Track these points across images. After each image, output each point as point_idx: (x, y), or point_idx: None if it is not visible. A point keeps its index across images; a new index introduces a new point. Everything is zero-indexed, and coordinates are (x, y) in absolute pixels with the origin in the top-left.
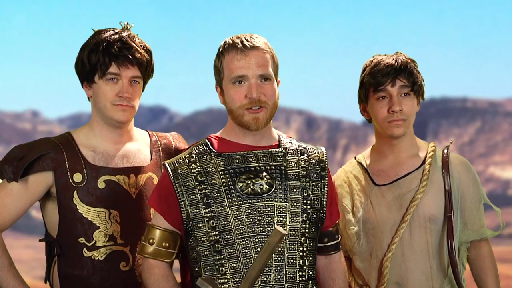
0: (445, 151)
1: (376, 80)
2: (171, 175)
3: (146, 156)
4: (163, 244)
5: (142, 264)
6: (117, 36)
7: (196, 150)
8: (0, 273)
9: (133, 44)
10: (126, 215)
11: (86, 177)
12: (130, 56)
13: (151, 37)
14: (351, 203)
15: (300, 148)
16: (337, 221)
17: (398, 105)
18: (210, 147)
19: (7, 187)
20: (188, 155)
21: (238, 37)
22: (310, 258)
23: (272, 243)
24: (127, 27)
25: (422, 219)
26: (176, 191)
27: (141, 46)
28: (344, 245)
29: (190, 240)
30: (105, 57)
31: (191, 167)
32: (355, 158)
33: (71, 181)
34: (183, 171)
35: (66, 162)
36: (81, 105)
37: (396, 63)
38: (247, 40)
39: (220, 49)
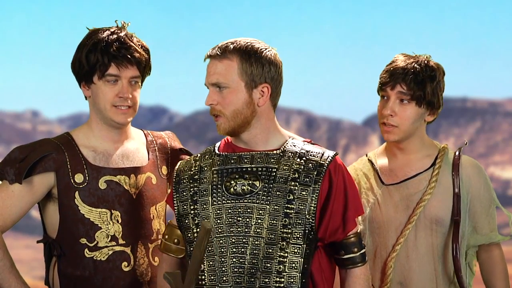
0: (457, 153)
1: (382, 78)
2: (175, 173)
3: (144, 155)
4: (174, 240)
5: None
6: (115, 36)
7: (204, 150)
8: (2, 274)
9: (131, 43)
10: (127, 215)
11: (87, 178)
12: (129, 56)
13: (151, 37)
14: None
15: (302, 151)
16: (355, 232)
17: (390, 109)
18: (215, 147)
19: (8, 188)
20: (196, 155)
21: (218, 44)
22: (293, 265)
23: (199, 238)
24: (124, 26)
25: (428, 221)
26: (174, 188)
27: (139, 45)
28: None
29: (183, 236)
30: (104, 57)
31: (192, 166)
32: (366, 155)
33: (72, 181)
34: (183, 169)
35: (68, 163)
36: (81, 105)
37: (404, 68)
38: (213, 48)
39: None
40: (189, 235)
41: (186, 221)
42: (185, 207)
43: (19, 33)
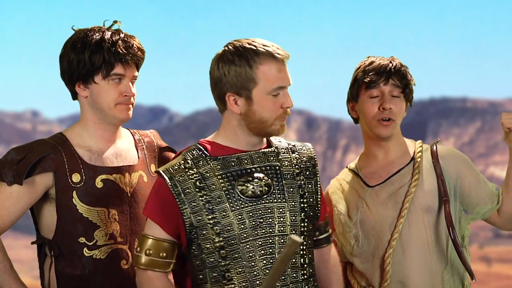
0: (434, 146)
1: (370, 77)
2: (169, 183)
3: (135, 154)
4: (161, 254)
5: (138, 275)
6: (118, 36)
7: (190, 156)
8: (3, 276)
9: (134, 43)
10: (124, 213)
11: (84, 177)
12: (133, 56)
13: (151, 37)
14: (345, 207)
15: (290, 146)
16: (326, 214)
17: (389, 103)
18: (204, 151)
19: (6, 190)
20: (182, 161)
21: (266, 45)
22: (310, 256)
23: (290, 253)
24: (114, 24)
25: (419, 212)
26: (177, 199)
27: (140, 45)
28: (341, 251)
29: (193, 247)
30: (111, 57)
31: (188, 173)
32: (347, 167)
33: (70, 181)
34: (180, 178)
35: (65, 163)
36: None
37: (391, 64)
38: (279, 49)
39: (249, 56)
40: (208, 245)
41: (204, 232)
42: (199, 217)
43: (19, 33)
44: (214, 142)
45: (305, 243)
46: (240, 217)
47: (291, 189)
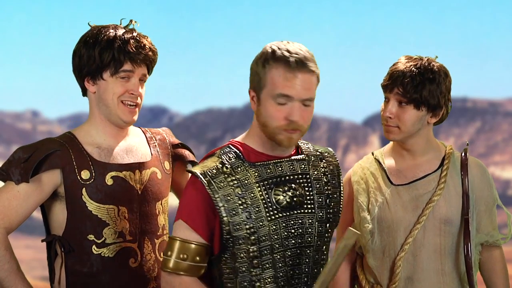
0: (463, 154)
1: (383, 81)
2: (208, 188)
3: (147, 151)
4: (196, 258)
5: (171, 281)
6: (130, 34)
7: (227, 159)
8: (10, 277)
9: (146, 43)
10: (133, 211)
11: (93, 174)
12: (144, 55)
13: (151, 37)
14: (367, 200)
15: (318, 153)
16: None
17: (389, 111)
18: (241, 156)
19: (14, 189)
20: (220, 165)
21: (288, 51)
22: (323, 264)
23: (349, 245)
24: (129, 24)
25: (437, 221)
26: (217, 206)
27: (152, 45)
28: (358, 242)
29: (226, 255)
30: (120, 55)
31: (228, 180)
32: (373, 154)
33: (79, 178)
34: (220, 184)
35: (73, 160)
36: (81, 105)
37: (402, 71)
38: (299, 57)
39: (266, 56)
40: (243, 255)
41: (241, 241)
42: (238, 226)
43: (19, 33)
44: (246, 145)
45: (325, 252)
46: (275, 227)
47: (320, 200)
